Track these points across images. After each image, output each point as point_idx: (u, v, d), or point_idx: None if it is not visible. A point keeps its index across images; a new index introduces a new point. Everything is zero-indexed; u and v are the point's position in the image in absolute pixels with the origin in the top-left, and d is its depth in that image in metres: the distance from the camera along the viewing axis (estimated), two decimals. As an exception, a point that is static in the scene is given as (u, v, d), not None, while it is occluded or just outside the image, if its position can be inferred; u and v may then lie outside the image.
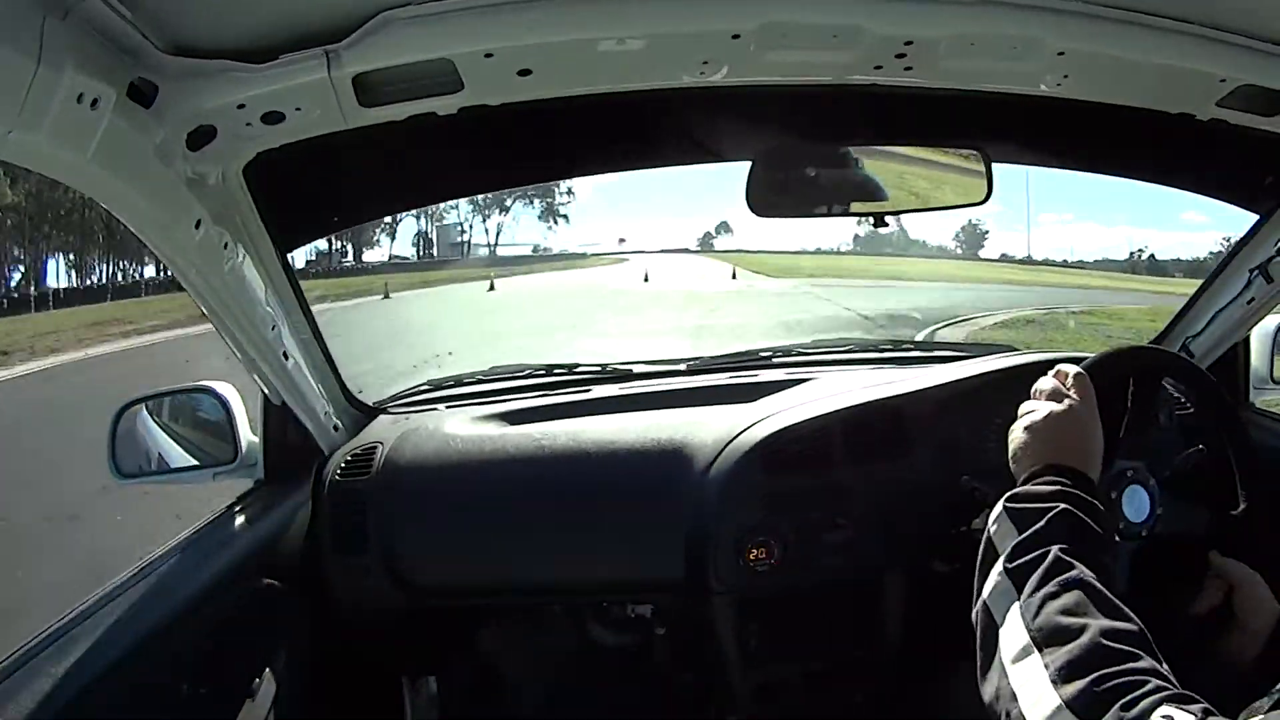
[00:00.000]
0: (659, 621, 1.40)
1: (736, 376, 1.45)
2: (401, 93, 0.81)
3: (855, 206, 1.12)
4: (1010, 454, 0.86)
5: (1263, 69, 0.87)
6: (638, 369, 1.49)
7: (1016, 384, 1.28)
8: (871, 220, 1.12)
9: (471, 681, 1.44)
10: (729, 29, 0.77)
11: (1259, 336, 1.39)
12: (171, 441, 1.26)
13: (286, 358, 1.13)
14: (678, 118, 1.10)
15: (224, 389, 1.22)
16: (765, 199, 1.08)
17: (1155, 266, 36.46)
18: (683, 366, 1.51)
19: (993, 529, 0.76)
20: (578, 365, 1.51)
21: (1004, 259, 42.73)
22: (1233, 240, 1.36)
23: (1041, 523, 0.72)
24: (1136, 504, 0.99)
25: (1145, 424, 1.28)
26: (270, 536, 1.16)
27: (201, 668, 0.96)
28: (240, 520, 1.15)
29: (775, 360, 1.55)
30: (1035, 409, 0.87)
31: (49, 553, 3.86)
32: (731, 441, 1.21)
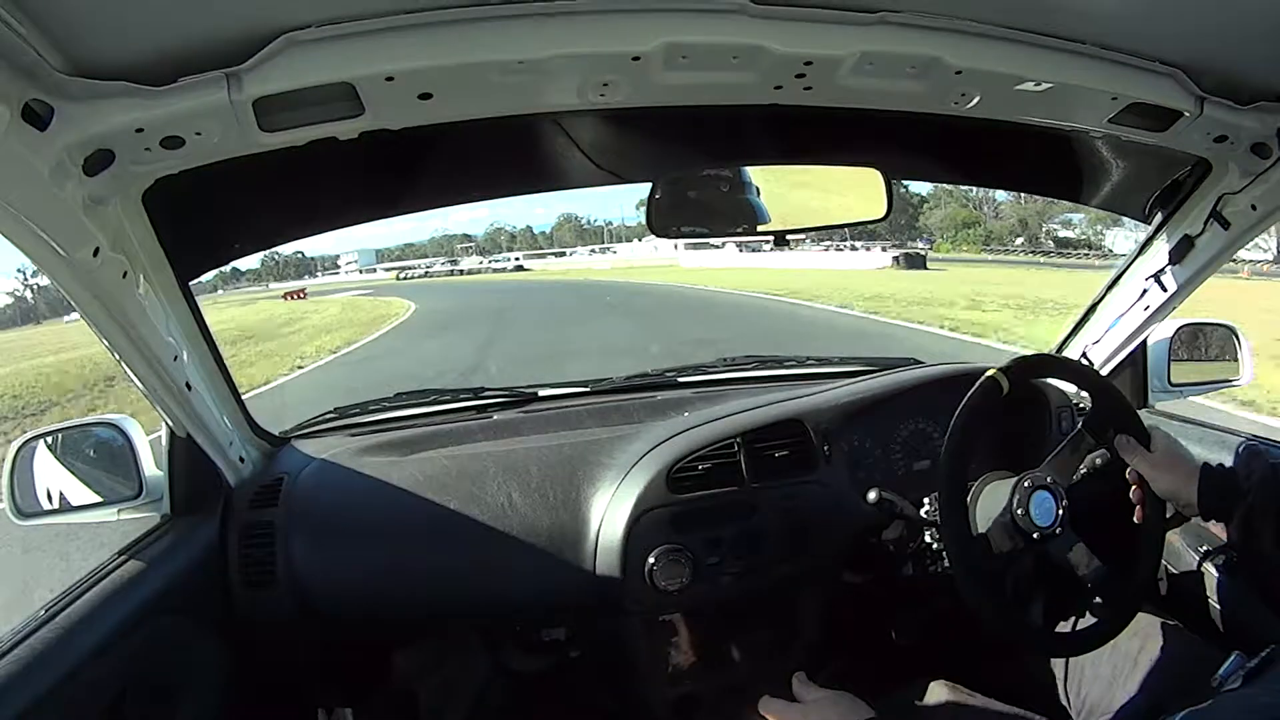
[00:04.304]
0: (573, 644, 1.39)
1: (641, 397, 1.45)
2: (303, 117, 0.79)
3: (756, 226, 1.13)
4: None
5: (1151, 87, 0.90)
6: (542, 392, 1.48)
7: (921, 396, 1.31)
8: (772, 239, 1.13)
9: (388, 711, 1.41)
10: (629, 51, 0.77)
11: (1156, 342, 1.43)
12: (72, 478, 1.21)
13: (189, 389, 1.09)
14: (581, 140, 1.11)
15: (125, 422, 1.19)
16: (666, 219, 1.09)
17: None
18: (587, 388, 1.50)
19: None
20: (483, 389, 1.50)
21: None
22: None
23: None
24: (1043, 508, 1.02)
25: (1048, 430, 1.32)
26: (178, 572, 1.12)
27: (112, 712, 0.92)
28: (146, 556, 1.11)
29: (680, 380, 1.56)
30: None
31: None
32: (637, 462, 1.21)
